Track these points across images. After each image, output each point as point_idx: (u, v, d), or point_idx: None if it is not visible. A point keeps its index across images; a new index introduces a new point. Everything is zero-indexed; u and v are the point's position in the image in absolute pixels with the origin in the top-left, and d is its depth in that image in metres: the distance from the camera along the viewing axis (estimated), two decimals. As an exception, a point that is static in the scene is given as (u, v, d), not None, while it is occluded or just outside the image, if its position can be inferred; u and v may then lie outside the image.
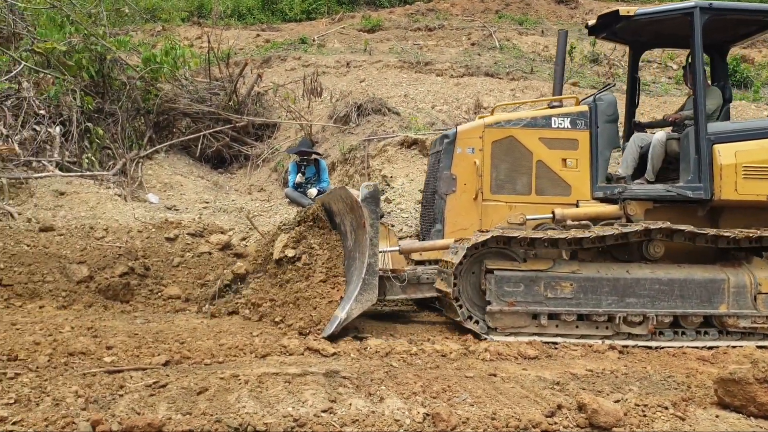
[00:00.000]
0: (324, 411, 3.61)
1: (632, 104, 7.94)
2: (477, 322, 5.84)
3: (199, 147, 13.08)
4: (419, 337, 5.64)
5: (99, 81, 11.53)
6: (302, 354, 4.94)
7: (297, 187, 10.35)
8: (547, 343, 5.71)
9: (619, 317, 5.89)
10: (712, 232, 6.04)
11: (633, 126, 7.72)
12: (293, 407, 3.65)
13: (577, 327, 5.93)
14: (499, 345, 5.43)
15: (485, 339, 5.68)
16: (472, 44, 19.42)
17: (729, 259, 6.27)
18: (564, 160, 6.54)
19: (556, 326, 5.91)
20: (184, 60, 12.74)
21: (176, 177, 11.55)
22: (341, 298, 5.82)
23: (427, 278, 6.39)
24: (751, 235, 6.02)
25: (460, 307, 5.81)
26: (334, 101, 14.15)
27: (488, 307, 5.77)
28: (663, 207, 6.54)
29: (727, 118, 7.07)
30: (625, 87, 8.28)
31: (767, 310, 5.98)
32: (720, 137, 6.38)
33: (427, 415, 3.64)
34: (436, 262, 6.48)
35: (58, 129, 10.12)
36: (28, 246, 7.35)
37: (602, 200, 6.52)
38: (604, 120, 6.59)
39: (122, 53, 12.29)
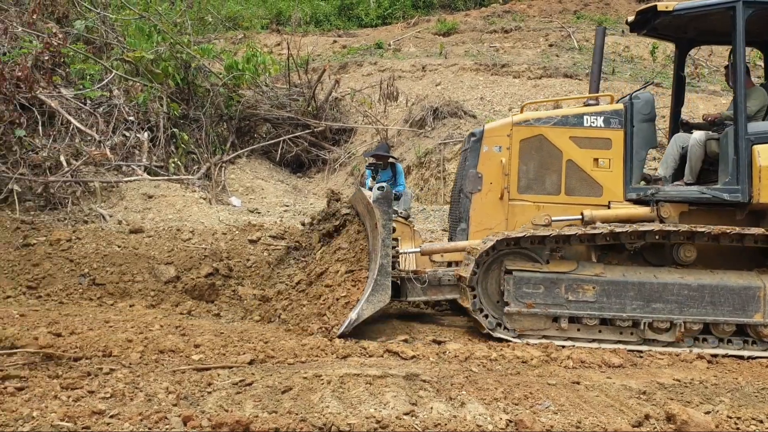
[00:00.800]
0: (406, 414, 3.62)
1: (678, 103, 7.62)
2: (500, 324, 5.82)
3: (279, 151, 13.40)
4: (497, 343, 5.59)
5: (184, 88, 11.97)
6: (382, 356, 4.97)
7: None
8: (561, 346, 5.60)
9: (644, 323, 5.74)
10: (714, 230, 5.74)
11: (680, 125, 7.40)
12: (375, 409, 3.68)
13: (600, 332, 5.82)
14: (582, 352, 5.31)
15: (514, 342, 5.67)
16: (550, 45, 19.11)
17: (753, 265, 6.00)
18: (596, 159, 6.29)
19: (578, 330, 5.82)
20: (264, 67, 13.09)
21: (257, 181, 11.85)
22: (357, 299, 5.74)
23: (449, 280, 6.21)
24: None
25: (486, 317, 5.81)
26: (409, 105, 14.20)
27: (506, 308, 5.76)
28: (699, 210, 6.22)
29: None
30: (712, 88, 7.94)
31: None
32: (761, 137, 6.02)
33: (510, 421, 3.60)
34: (458, 263, 6.33)
35: (146, 134, 10.56)
36: (119, 247, 7.69)
37: (636, 202, 6.25)
38: (641, 119, 6.31)
39: (206, 61, 12.73)
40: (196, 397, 3.77)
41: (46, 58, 9.83)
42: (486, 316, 5.82)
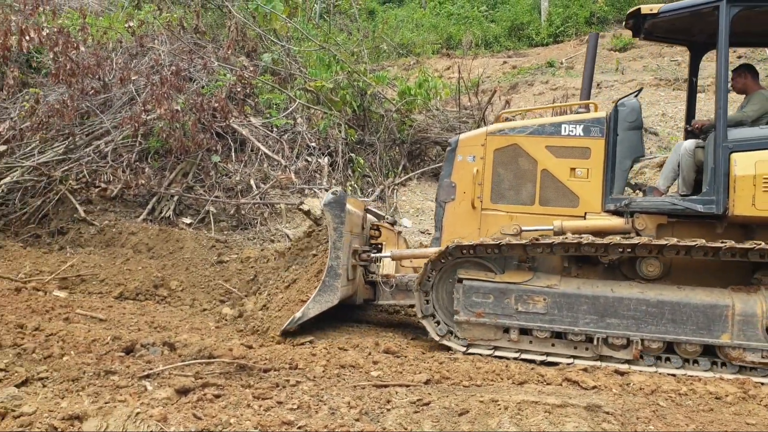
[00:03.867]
0: (589, 446, 3.47)
1: (691, 110, 7.13)
2: (451, 332, 5.85)
3: (449, 173, 13.49)
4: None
5: (360, 114, 12.49)
6: (560, 384, 4.81)
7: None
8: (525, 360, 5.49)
9: (598, 338, 5.47)
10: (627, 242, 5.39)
11: (685, 133, 6.80)
12: (556, 438, 3.56)
13: (553, 345, 5.63)
14: (785, 391, 4.82)
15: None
16: (738, 57, 17.66)
17: (747, 281, 5.51)
18: (573, 169, 6.04)
19: (530, 342, 5.67)
20: (435, 91, 13.30)
21: (427, 202, 12.02)
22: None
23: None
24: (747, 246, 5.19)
25: (438, 324, 5.88)
26: (584, 124, 13.75)
27: (455, 317, 5.73)
28: (680, 222, 5.83)
29: None
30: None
31: None
32: (741, 145, 5.53)
33: (707, 462, 3.33)
34: None
35: (326, 159, 11.13)
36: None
37: (614, 213, 5.91)
38: (626, 127, 6.00)
39: (380, 87, 13.19)
40: (376, 414, 3.87)
41: (239, 89, 10.71)
42: (438, 323, 5.88)
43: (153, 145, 9.83)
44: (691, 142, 6.19)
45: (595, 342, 5.50)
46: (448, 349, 5.74)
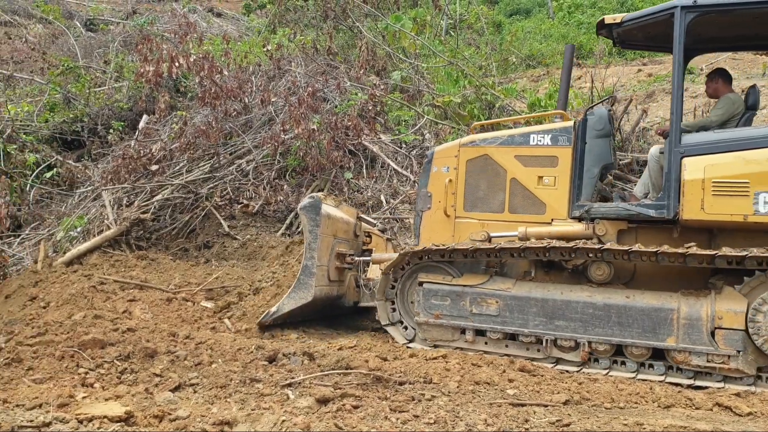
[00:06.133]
0: (747, 478, 3.24)
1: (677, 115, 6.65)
2: (406, 328, 6.35)
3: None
4: None
5: (489, 128, 12.38)
6: (710, 409, 4.53)
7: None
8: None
9: (547, 340, 5.69)
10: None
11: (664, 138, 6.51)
12: (709, 468, 3.35)
13: (507, 346, 5.90)
14: None
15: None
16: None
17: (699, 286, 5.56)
18: (540, 177, 6.24)
19: (485, 343, 5.96)
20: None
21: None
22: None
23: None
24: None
25: (405, 329, 6.36)
26: (729, 132, 12.91)
27: (416, 318, 6.18)
28: (642, 227, 5.97)
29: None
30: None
31: (728, 348, 5.14)
32: (692, 149, 5.62)
33: None
34: None
35: (454, 174, 11.12)
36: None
37: (580, 219, 6.05)
38: (594, 135, 6.18)
39: (509, 100, 13.05)
40: (514, 433, 3.82)
41: (370, 107, 10.96)
42: (405, 328, 6.36)
43: (291, 164, 10.26)
44: (656, 148, 6.37)
45: (544, 343, 5.72)
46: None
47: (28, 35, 18.09)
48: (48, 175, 11.15)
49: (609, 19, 6.23)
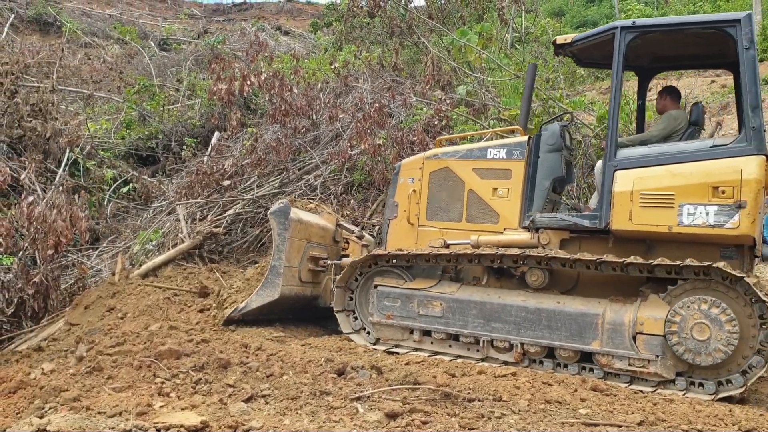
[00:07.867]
0: None
1: (640, 131, 7.38)
2: (369, 333, 6.76)
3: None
4: None
5: (556, 141, 12.22)
6: (796, 435, 4.32)
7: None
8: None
9: (484, 341, 6.06)
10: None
11: None
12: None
13: (450, 346, 6.29)
14: None
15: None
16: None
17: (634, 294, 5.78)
18: (495, 189, 6.61)
19: (431, 343, 6.37)
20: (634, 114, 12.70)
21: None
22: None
23: None
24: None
25: (368, 333, 6.76)
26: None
27: (369, 318, 6.65)
28: (584, 237, 6.26)
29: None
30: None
31: (648, 353, 5.41)
32: (626, 163, 5.92)
33: None
34: None
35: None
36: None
37: (528, 229, 6.39)
38: (546, 149, 6.52)
39: (576, 113, 12.85)
40: (588, 453, 3.74)
41: (435, 122, 10.99)
42: (368, 333, 6.75)
43: (357, 178, 10.38)
44: (601, 162, 6.45)
45: (481, 344, 6.09)
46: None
47: (106, 55, 18.96)
48: (124, 190, 11.62)
49: (560, 39, 6.57)
